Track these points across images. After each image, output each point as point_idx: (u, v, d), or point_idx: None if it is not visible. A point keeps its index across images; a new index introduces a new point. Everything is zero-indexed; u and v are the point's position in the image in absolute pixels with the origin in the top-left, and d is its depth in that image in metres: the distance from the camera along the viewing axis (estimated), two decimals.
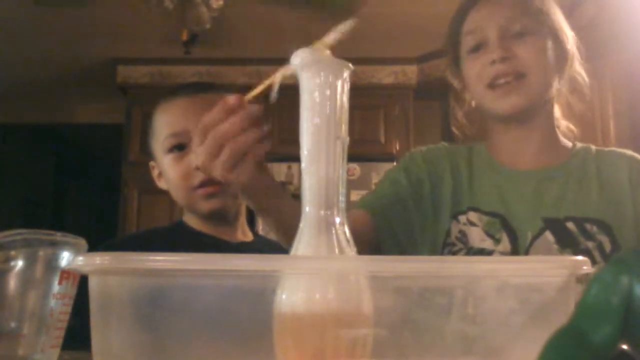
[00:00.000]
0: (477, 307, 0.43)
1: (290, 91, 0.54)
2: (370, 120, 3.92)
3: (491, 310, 0.43)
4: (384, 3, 3.33)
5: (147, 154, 1.22)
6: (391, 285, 0.43)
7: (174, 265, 0.41)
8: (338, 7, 3.14)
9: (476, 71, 0.99)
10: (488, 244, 0.97)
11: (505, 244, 0.97)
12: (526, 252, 0.96)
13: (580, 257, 0.44)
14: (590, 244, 0.95)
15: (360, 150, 3.56)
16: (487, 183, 1.04)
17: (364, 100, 3.77)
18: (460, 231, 1.00)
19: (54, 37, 3.74)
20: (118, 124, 4.19)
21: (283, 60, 0.51)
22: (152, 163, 1.21)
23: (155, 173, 1.20)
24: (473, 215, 1.00)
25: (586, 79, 1.05)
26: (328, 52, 0.51)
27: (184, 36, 3.24)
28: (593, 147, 1.07)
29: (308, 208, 0.46)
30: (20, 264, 0.59)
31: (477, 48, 1.00)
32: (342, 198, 0.47)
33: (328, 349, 0.41)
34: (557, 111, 1.06)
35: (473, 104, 1.08)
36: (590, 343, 0.35)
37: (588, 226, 0.96)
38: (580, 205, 0.99)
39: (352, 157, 0.60)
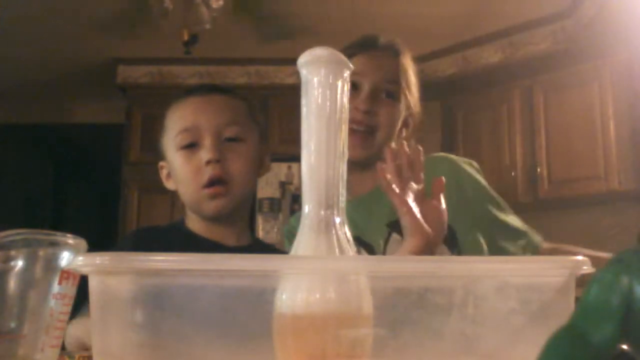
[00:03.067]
0: (477, 307, 0.43)
1: (291, 91, 0.54)
2: None
3: (491, 310, 0.43)
4: (384, 3, 3.33)
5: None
6: (391, 285, 0.43)
7: (174, 265, 0.41)
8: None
9: None
10: None
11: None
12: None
13: (580, 257, 0.44)
14: None
15: None
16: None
17: None
18: None
19: (54, 37, 3.74)
20: (118, 124, 4.18)
21: (283, 61, 0.51)
22: (161, 163, 1.21)
23: (164, 173, 1.21)
24: None
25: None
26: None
27: (184, 36, 3.23)
28: None
29: (308, 208, 0.46)
30: (20, 264, 0.59)
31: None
32: (342, 198, 0.47)
33: (328, 349, 0.41)
34: None
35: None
36: (590, 343, 0.35)
37: None
38: None
39: None
